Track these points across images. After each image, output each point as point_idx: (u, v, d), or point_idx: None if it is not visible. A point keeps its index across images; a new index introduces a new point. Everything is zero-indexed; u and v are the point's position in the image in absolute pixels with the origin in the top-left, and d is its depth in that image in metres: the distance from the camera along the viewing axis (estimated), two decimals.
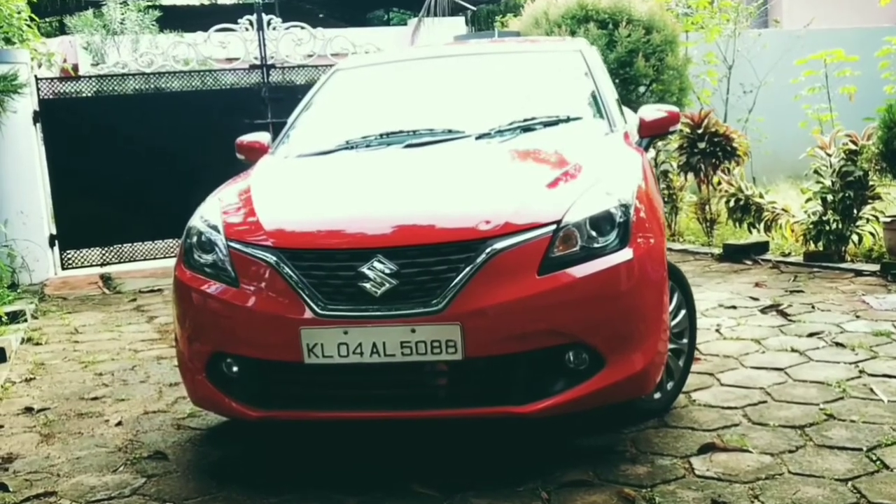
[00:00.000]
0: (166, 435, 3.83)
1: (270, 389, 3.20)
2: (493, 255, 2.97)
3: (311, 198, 3.54)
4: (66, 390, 4.62)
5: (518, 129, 3.90)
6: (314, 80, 9.10)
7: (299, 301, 3.04)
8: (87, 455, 3.64)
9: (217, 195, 3.67)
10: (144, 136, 8.55)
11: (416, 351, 2.97)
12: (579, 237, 3.08)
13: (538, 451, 3.38)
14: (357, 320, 3.00)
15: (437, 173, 3.59)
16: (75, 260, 8.53)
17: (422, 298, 2.97)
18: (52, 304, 7.11)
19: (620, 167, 3.50)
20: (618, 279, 3.09)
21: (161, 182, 8.52)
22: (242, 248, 3.21)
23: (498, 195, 3.26)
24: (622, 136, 3.92)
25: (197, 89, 8.91)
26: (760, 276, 6.40)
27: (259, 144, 4.36)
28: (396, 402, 3.12)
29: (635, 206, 3.23)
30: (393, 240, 3.06)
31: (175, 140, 8.60)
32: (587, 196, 3.19)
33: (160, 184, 8.51)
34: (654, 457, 3.23)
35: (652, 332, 3.20)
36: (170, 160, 8.57)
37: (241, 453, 3.57)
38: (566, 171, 3.40)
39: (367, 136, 4.05)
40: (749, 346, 4.57)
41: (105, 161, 8.44)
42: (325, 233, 3.20)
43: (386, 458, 3.40)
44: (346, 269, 3.03)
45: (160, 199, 8.46)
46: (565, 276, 3.01)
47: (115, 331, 6.04)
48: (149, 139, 8.56)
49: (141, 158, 8.53)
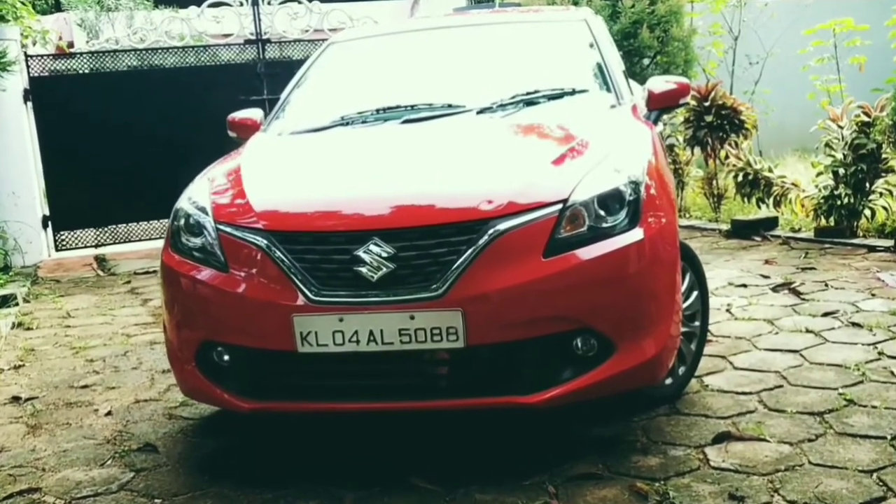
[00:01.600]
0: (157, 425, 3.68)
1: (263, 380, 3.04)
2: (495, 237, 2.80)
3: (304, 177, 3.36)
4: (55, 378, 4.47)
5: (521, 103, 3.71)
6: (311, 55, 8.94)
7: (291, 287, 2.87)
8: (75, 447, 3.49)
9: (206, 175, 3.50)
10: (138, 114, 8.36)
11: (416, 339, 2.80)
12: (587, 217, 2.91)
13: (544, 441, 3.23)
14: (353, 307, 2.83)
15: (436, 150, 3.41)
16: (69, 241, 8.36)
17: (421, 283, 2.81)
18: (44, 287, 6.96)
19: (629, 142, 3.32)
20: (628, 261, 2.92)
21: (156, 160, 8.33)
22: (232, 231, 3.04)
23: (501, 173, 3.08)
24: (630, 110, 3.74)
25: (191, 66, 8.71)
26: (770, 253, 6.23)
27: (251, 121, 4.18)
28: (395, 393, 2.96)
29: (646, 182, 3.06)
30: (390, 221, 2.89)
31: (169, 117, 8.41)
32: (595, 173, 3.01)
33: (155, 162, 8.33)
34: (667, 447, 3.08)
35: (664, 316, 3.03)
36: (164, 138, 8.38)
37: (235, 445, 3.42)
38: (572, 146, 3.22)
39: (363, 112, 3.86)
40: (762, 327, 4.41)
41: (98, 139, 8.26)
42: (318, 214, 3.02)
43: (385, 451, 3.24)
44: (341, 252, 2.86)
45: (155, 178, 8.27)
46: (572, 258, 2.84)
47: (108, 314, 5.89)
48: (143, 117, 8.37)
49: (135, 136, 8.34)
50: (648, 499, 2.72)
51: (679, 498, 2.71)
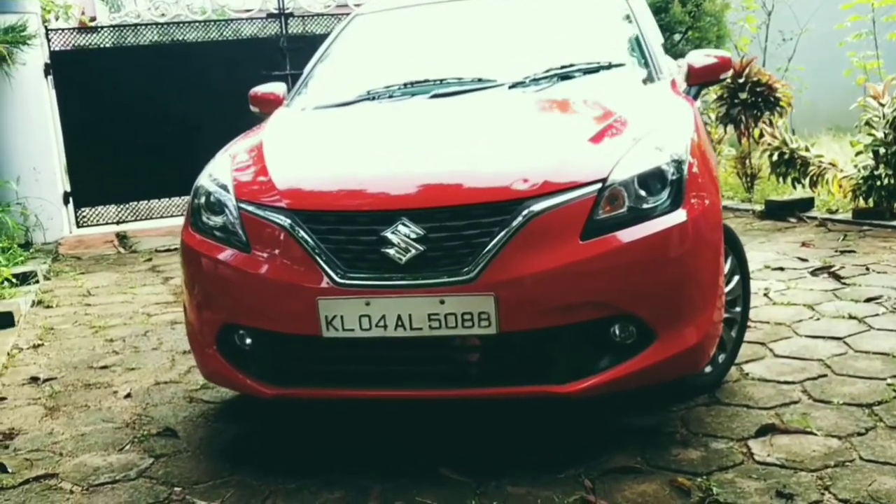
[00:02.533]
0: (177, 409, 3.57)
1: (286, 365, 2.92)
2: (530, 218, 2.65)
3: (329, 154, 3.22)
4: (74, 358, 4.38)
5: (555, 77, 3.54)
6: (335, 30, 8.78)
7: (316, 269, 2.74)
8: (93, 431, 3.39)
9: (228, 151, 3.36)
10: (160, 89, 8.26)
11: (446, 324, 2.67)
12: (627, 197, 2.75)
13: (577, 432, 3.09)
14: (380, 290, 2.70)
15: (466, 126, 3.26)
16: (90, 218, 8.29)
17: (451, 266, 2.66)
18: (65, 265, 6.89)
19: (670, 118, 3.16)
20: (671, 244, 2.77)
21: (177, 136, 8.23)
22: (254, 210, 2.91)
23: (535, 150, 2.93)
24: (669, 85, 3.57)
25: (213, 40, 8.58)
26: (807, 235, 6.04)
27: (274, 96, 4.04)
28: (423, 380, 2.83)
29: (689, 161, 2.89)
30: (419, 201, 2.75)
31: (191, 93, 8.31)
32: (635, 151, 2.85)
33: (177, 138, 8.23)
34: (708, 439, 2.93)
35: (707, 303, 2.88)
36: (186, 113, 8.27)
37: (256, 431, 3.30)
38: (610, 123, 3.06)
39: (390, 86, 3.71)
40: (802, 312, 4.24)
41: (120, 115, 8.16)
42: (343, 193, 2.89)
43: (412, 441, 3.12)
44: (368, 233, 2.72)
45: (176, 154, 8.18)
46: (612, 240, 2.69)
47: (129, 293, 5.80)
48: (164, 92, 8.26)
49: (156, 112, 8.24)
50: (691, 494, 2.58)
51: (723, 494, 2.56)
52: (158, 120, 8.23)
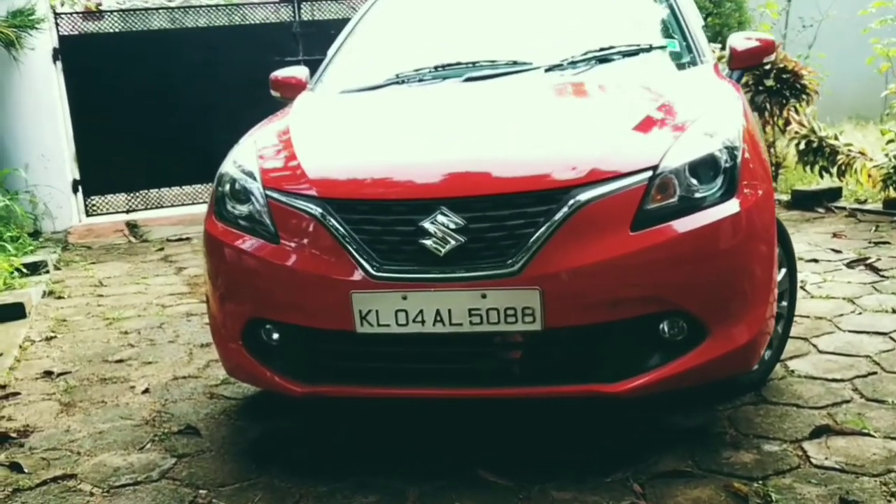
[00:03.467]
0: (198, 405, 3.43)
1: (317, 361, 2.77)
2: (577, 208, 2.50)
3: (361, 140, 3.06)
4: (88, 351, 4.24)
5: (593, 60, 3.39)
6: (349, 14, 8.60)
7: (350, 261, 2.59)
8: (111, 429, 3.25)
9: (252, 136, 3.21)
10: (170, 75, 8.10)
11: (487, 319, 2.52)
12: (678, 186, 2.60)
13: (622, 432, 2.94)
14: (418, 283, 2.55)
15: (504, 111, 3.10)
16: (100, 206, 8.15)
17: (494, 258, 2.52)
18: (75, 254, 6.74)
19: (718, 103, 3.00)
20: (725, 236, 2.62)
21: (188, 123, 8.08)
22: (282, 199, 2.76)
23: (580, 137, 2.78)
24: (712, 68, 3.41)
25: (224, 25, 8.41)
26: (837, 226, 5.88)
27: (296, 80, 3.88)
28: (463, 379, 2.68)
29: (741, 148, 2.74)
30: (459, 189, 2.60)
31: (203, 79, 8.15)
32: (686, 137, 2.70)
33: (187, 125, 8.08)
34: (760, 441, 2.79)
35: (761, 298, 2.73)
36: (197, 100, 8.12)
37: (283, 429, 3.16)
38: (657, 107, 2.90)
39: (420, 69, 3.55)
40: (842, 306, 4.08)
41: (129, 101, 8.00)
42: (378, 181, 2.74)
43: (449, 441, 2.97)
44: (405, 223, 2.57)
45: (187, 142, 8.05)
46: (664, 231, 2.54)
47: (142, 283, 5.66)
48: (175, 78, 8.10)
49: (167, 98, 8.08)
50: (749, 501, 2.43)
51: (783, 501, 2.42)
52: (169, 106, 8.08)
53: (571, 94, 3.19)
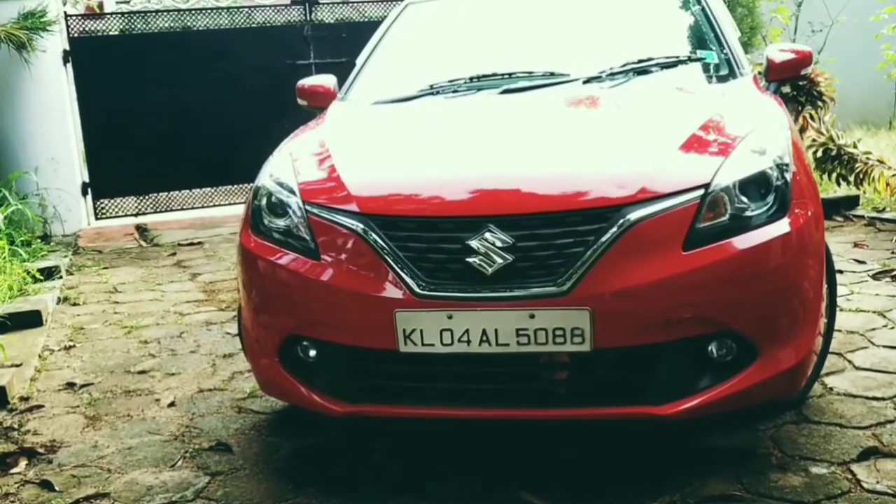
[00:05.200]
0: (227, 420, 3.38)
1: (357, 381, 2.72)
2: (628, 227, 2.45)
3: (400, 153, 3.01)
4: (109, 361, 4.18)
5: (631, 72, 3.34)
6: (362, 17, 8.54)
7: (393, 278, 2.54)
8: (140, 444, 3.20)
9: (286, 148, 3.15)
10: (181, 78, 8.02)
11: (535, 340, 2.47)
12: (728, 204, 2.55)
13: (665, 453, 2.89)
14: (464, 303, 2.50)
15: (546, 125, 3.05)
16: (109, 209, 8.07)
17: (542, 278, 2.47)
18: (86, 258, 6.68)
19: (764, 118, 2.95)
20: (776, 255, 2.57)
21: (199, 126, 8.01)
22: (322, 214, 2.70)
23: (626, 153, 2.73)
24: (752, 81, 3.36)
25: (234, 27, 8.33)
26: (857, 235, 5.83)
27: (324, 89, 3.83)
28: (508, 400, 2.63)
29: (792, 165, 2.69)
30: (507, 206, 2.55)
31: (213, 82, 8.07)
32: (737, 154, 2.65)
33: (198, 128, 8.01)
34: (806, 463, 2.74)
35: (810, 320, 2.68)
36: (207, 103, 8.04)
37: (317, 448, 3.10)
38: (703, 122, 2.85)
39: (455, 80, 3.49)
40: (874, 320, 4.04)
41: (139, 103, 7.92)
42: (423, 197, 2.68)
43: (488, 460, 2.92)
44: (451, 241, 2.52)
45: (198, 145, 7.98)
46: (716, 251, 2.49)
47: (157, 290, 5.60)
48: (186, 80, 8.02)
49: (177, 101, 8.00)
50: None
51: None
52: (179, 109, 8.00)
53: (613, 108, 3.14)
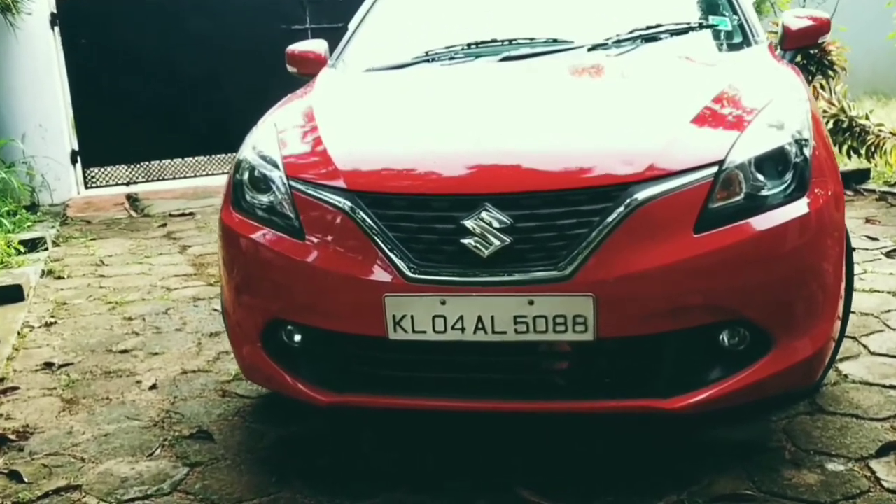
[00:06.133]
0: (209, 405, 3.22)
1: (344, 369, 2.54)
2: (635, 207, 2.27)
3: (392, 125, 2.81)
4: (91, 339, 4.02)
5: (639, 39, 3.14)
6: None
7: (382, 260, 2.36)
8: (117, 431, 3.03)
9: (271, 119, 2.96)
10: (172, 43, 7.80)
11: (534, 328, 2.29)
12: (743, 183, 2.36)
13: (670, 447, 2.73)
14: (458, 287, 2.32)
15: (548, 96, 2.85)
16: (99, 178, 7.88)
17: (543, 261, 2.28)
18: (74, 229, 6.50)
19: (781, 89, 2.75)
20: (794, 238, 2.38)
21: (191, 93, 7.82)
22: (307, 190, 2.51)
23: (634, 127, 2.54)
24: (768, 49, 3.16)
25: None
26: (869, 210, 5.64)
27: (314, 55, 3.62)
28: (505, 391, 2.46)
29: (811, 141, 2.50)
30: (505, 184, 2.36)
31: (206, 47, 7.85)
32: (753, 128, 2.46)
33: (190, 95, 7.82)
34: (822, 458, 2.57)
35: (830, 305, 2.50)
36: (200, 69, 7.83)
37: (302, 437, 2.94)
38: (716, 94, 2.65)
39: (451, 47, 3.29)
40: (888, 301, 3.86)
41: (130, 69, 7.71)
42: (414, 172, 2.49)
43: (484, 454, 2.75)
44: (445, 220, 2.34)
45: (190, 112, 7.79)
46: (730, 233, 2.30)
47: (145, 263, 5.43)
48: (178, 46, 7.81)
49: (169, 67, 7.79)
50: None
51: None
52: (172, 75, 7.79)
53: (619, 77, 2.94)
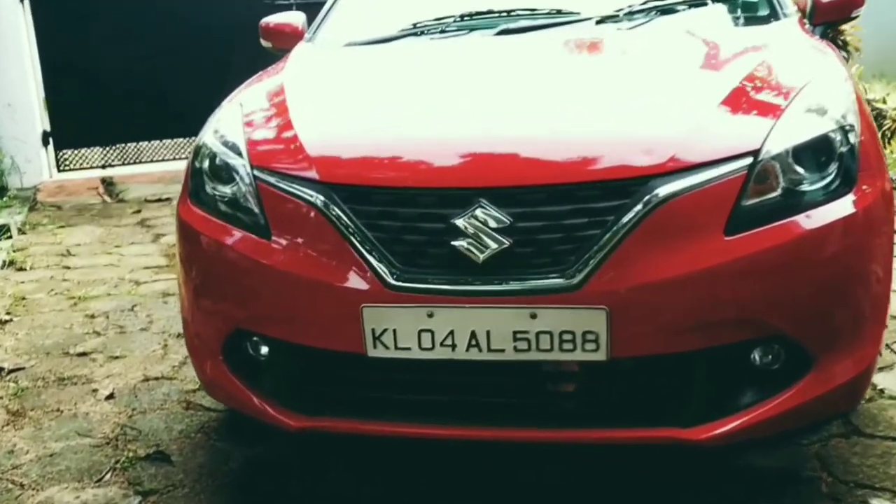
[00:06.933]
0: (170, 419, 2.88)
1: (316, 389, 2.21)
2: (656, 205, 1.93)
3: (373, 107, 2.46)
4: (47, 340, 3.67)
5: (654, 11, 2.79)
6: None
7: (361, 265, 2.02)
8: (65, 450, 2.70)
9: (237, 98, 2.61)
10: (152, 19, 7.36)
11: (537, 346, 1.96)
12: (781, 176, 2.02)
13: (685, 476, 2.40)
14: (448, 297, 1.98)
15: (552, 75, 2.50)
16: (73, 161, 7.46)
17: (547, 268, 1.95)
18: (43, 215, 6.12)
19: (819, 67, 2.41)
20: (839, 241, 2.05)
21: (170, 71, 7.36)
22: (274, 181, 2.17)
23: (653, 111, 2.19)
24: (798, 23, 2.82)
25: None
26: None
27: (291, 28, 3.27)
28: (503, 418, 2.12)
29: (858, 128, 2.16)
30: (504, 176, 2.01)
31: (185, 22, 7.40)
32: (791, 113, 2.12)
33: (169, 73, 7.35)
34: (864, 492, 2.25)
35: (877, 320, 2.16)
36: (180, 45, 7.39)
37: (272, 457, 2.61)
38: (746, 74, 2.30)
39: (442, 19, 2.94)
40: None
41: (105, 45, 7.25)
42: (398, 162, 2.15)
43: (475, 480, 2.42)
44: (433, 218, 1.99)
45: (170, 91, 7.33)
46: (766, 235, 1.97)
47: (115, 253, 5.07)
48: (156, 20, 7.37)
49: (147, 43, 7.35)
50: None
51: None
52: (150, 52, 7.34)
53: (633, 54, 2.58)
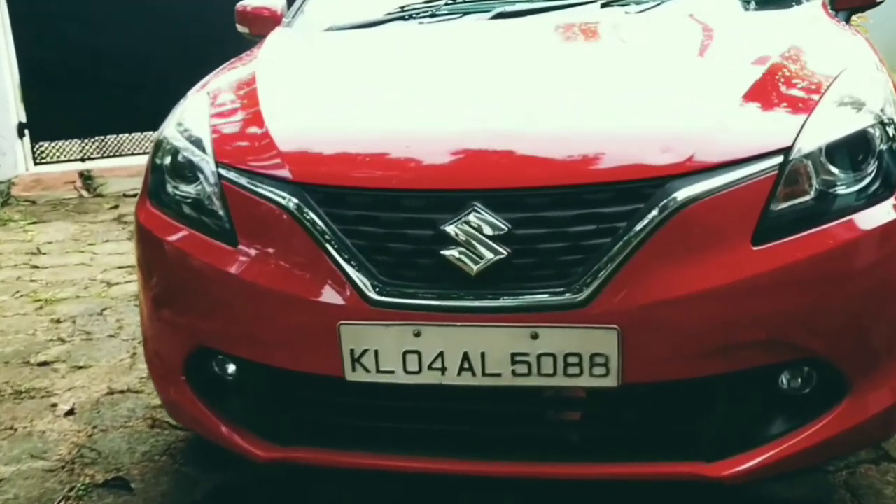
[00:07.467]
0: (134, 439, 2.64)
1: (289, 415, 1.97)
2: (674, 210, 1.69)
3: (354, 98, 2.20)
4: (7, 347, 3.42)
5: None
6: None
7: (339, 277, 1.78)
8: (15, 476, 2.45)
9: (204, 88, 2.36)
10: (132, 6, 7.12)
11: (539, 370, 1.72)
12: (814, 178, 1.79)
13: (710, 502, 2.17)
14: (437, 314, 1.74)
15: (553, 63, 2.26)
16: (50, 153, 7.19)
17: (550, 281, 1.71)
18: (16, 210, 5.88)
19: (850, 56, 2.18)
20: (877, 251, 1.81)
21: (152, 61, 7.11)
22: (241, 181, 1.92)
23: (669, 104, 1.96)
24: (822, 8, 2.58)
25: None
26: None
27: (269, 12, 3.03)
28: (499, 450, 1.88)
29: None
30: (501, 177, 1.77)
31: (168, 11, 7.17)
32: (824, 107, 1.88)
33: (150, 63, 7.11)
34: None
35: None
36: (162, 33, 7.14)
37: (244, 484, 2.36)
38: (772, 63, 2.07)
39: (433, 1, 2.70)
40: None
41: (84, 34, 7.01)
42: (381, 160, 1.90)
43: None
44: (420, 224, 1.75)
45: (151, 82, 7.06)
46: (799, 245, 1.73)
47: (87, 251, 4.82)
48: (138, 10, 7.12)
49: (127, 31, 7.10)
50: None
51: None
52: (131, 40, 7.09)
53: (644, 41, 2.35)
